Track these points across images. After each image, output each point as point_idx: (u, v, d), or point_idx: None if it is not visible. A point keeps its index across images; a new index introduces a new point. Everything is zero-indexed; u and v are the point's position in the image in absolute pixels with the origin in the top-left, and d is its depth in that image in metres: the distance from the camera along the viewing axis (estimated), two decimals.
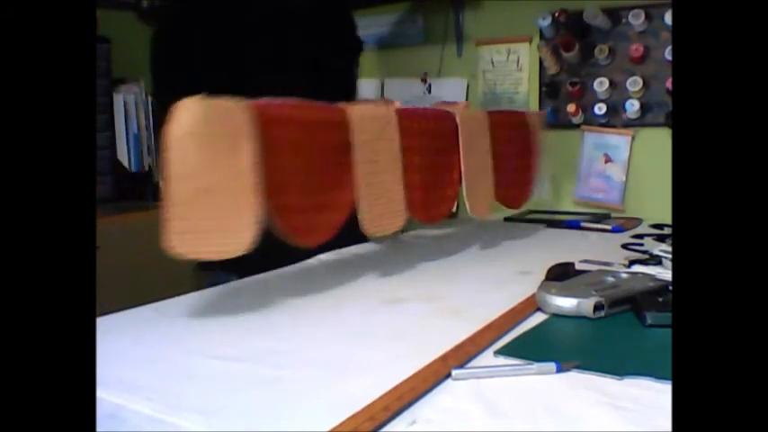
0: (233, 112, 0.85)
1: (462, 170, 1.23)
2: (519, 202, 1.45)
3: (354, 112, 1.03)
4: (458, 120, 1.23)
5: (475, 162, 1.26)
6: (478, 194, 1.28)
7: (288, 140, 0.92)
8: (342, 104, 1.04)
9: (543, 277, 0.96)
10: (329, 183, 1.00)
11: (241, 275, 1.10)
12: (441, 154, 1.21)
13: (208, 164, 0.82)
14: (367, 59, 2.06)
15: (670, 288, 0.89)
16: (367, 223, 1.04)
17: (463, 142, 1.23)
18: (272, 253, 1.15)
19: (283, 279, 1.10)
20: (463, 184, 1.23)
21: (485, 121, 1.30)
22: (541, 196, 1.53)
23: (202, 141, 0.81)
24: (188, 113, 0.81)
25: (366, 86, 2.03)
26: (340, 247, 1.22)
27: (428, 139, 1.17)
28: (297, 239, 0.93)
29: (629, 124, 1.66)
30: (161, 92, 1.16)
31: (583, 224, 1.52)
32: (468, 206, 1.25)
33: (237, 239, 0.85)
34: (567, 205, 1.76)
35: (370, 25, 2.06)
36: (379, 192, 1.06)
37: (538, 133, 1.49)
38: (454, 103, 1.34)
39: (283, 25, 1.20)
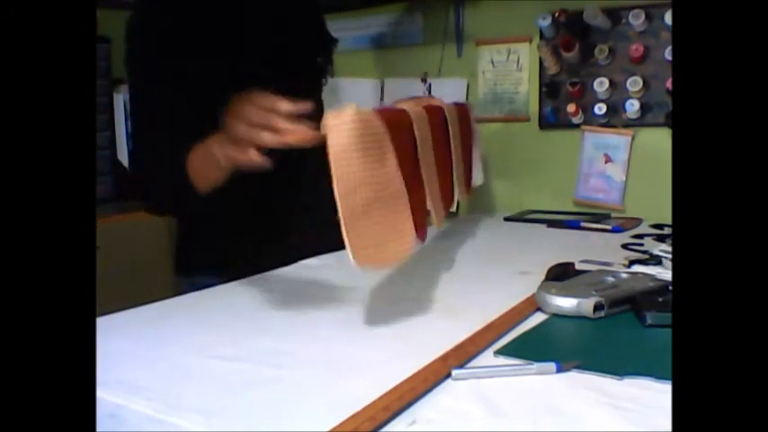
0: (375, 121, 0.85)
1: (453, 159, 1.27)
2: (470, 187, 1.49)
3: (411, 111, 1.04)
4: (446, 113, 1.25)
5: (457, 152, 1.30)
6: (461, 181, 1.32)
7: (401, 144, 0.93)
8: (399, 104, 1.07)
9: (543, 277, 0.96)
10: (419, 182, 1.02)
11: (222, 281, 1.08)
12: (443, 147, 1.23)
13: (367, 175, 0.82)
14: (367, 59, 2.06)
15: (670, 288, 0.89)
16: (436, 218, 1.07)
17: (452, 134, 1.26)
18: (251, 258, 1.15)
19: (283, 279, 1.10)
20: (454, 172, 1.27)
21: (455, 112, 1.34)
22: (478, 182, 1.54)
23: (360, 153, 0.81)
24: (346, 127, 0.79)
25: (366, 86, 2.04)
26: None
27: (436, 134, 1.19)
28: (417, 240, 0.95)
29: (629, 124, 1.66)
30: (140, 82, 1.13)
31: (583, 224, 1.52)
32: (457, 193, 1.29)
33: (405, 243, 0.88)
34: (567, 205, 1.76)
35: (369, 25, 2.06)
36: (433, 187, 1.08)
37: (473, 122, 1.54)
38: (421, 98, 1.38)
39: (267, 21, 1.19)
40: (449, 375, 0.67)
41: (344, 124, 0.80)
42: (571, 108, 1.70)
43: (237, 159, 0.90)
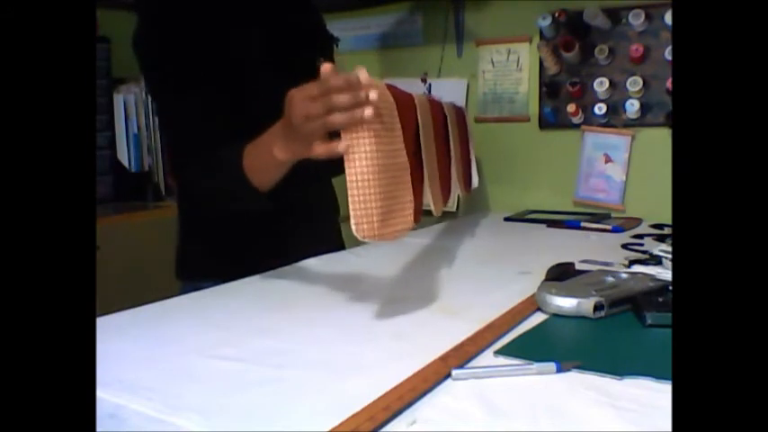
0: (386, 91, 0.84)
1: (452, 156, 1.26)
2: (469, 188, 1.50)
3: (416, 96, 1.04)
4: (446, 111, 1.25)
5: (456, 150, 1.31)
6: (461, 179, 1.33)
7: (404, 123, 0.92)
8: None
9: (543, 277, 0.96)
10: (418, 164, 1.01)
11: (221, 282, 1.07)
12: (442, 141, 1.23)
13: (378, 143, 0.80)
14: (367, 59, 2.06)
15: (670, 288, 0.89)
16: (434, 205, 1.06)
17: (452, 133, 1.27)
18: (248, 260, 1.14)
19: (283, 279, 1.10)
20: (453, 169, 1.26)
21: (454, 113, 1.35)
22: (474, 184, 1.56)
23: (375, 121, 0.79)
24: None
25: None
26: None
27: (437, 126, 1.19)
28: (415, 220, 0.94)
29: (629, 124, 1.66)
30: (155, 85, 1.14)
31: (583, 224, 1.52)
32: (457, 189, 1.29)
33: (406, 217, 0.86)
34: (567, 205, 1.76)
35: (369, 25, 2.06)
36: (432, 172, 1.08)
37: (469, 125, 1.55)
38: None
39: (268, 22, 1.19)
40: (449, 375, 0.67)
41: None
42: (571, 108, 1.70)
43: (305, 155, 0.88)
